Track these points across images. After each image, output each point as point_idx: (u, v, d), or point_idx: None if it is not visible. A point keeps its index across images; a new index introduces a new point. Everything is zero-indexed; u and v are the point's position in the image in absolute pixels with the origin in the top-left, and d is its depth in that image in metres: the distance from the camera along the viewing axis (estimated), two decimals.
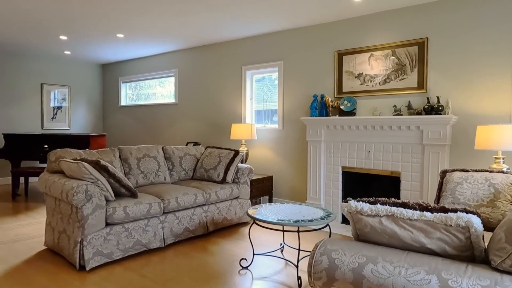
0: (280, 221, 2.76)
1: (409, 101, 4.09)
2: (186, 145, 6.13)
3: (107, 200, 3.08)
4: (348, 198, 1.48)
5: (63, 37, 5.80)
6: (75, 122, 8.05)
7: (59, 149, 3.45)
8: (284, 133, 5.27)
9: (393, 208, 1.24)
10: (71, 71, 7.93)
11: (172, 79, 7.00)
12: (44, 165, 7.15)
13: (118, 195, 3.26)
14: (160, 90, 7.32)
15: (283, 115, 5.28)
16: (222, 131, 6.04)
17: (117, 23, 4.97)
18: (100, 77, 8.45)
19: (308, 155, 4.77)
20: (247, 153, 5.23)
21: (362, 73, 4.52)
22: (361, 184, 4.50)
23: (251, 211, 3.11)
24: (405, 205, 1.29)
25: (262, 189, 5.02)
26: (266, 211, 3.11)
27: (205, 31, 5.39)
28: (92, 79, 8.30)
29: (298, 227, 2.81)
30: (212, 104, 6.18)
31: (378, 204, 1.31)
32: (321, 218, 2.86)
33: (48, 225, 3.36)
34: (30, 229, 4.06)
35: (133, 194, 3.26)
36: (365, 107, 4.52)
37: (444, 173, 2.80)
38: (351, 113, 4.51)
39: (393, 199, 1.38)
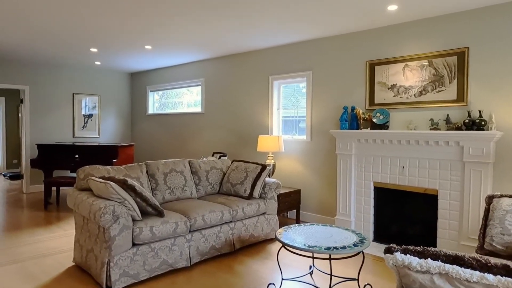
0: (310, 248, 2.63)
1: (448, 115, 3.85)
2: (213, 155, 6.08)
3: (133, 220, 3.05)
4: (392, 246, 1.33)
5: (93, 49, 5.89)
6: (105, 130, 8.20)
7: (87, 166, 3.46)
8: (312, 145, 5.12)
9: (447, 266, 1.09)
10: (101, 80, 8.09)
11: (199, 88, 6.99)
12: (75, 175, 7.32)
13: (144, 213, 3.22)
14: (187, 99, 7.33)
15: (312, 127, 5.13)
16: (249, 142, 5.95)
17: (145, 35, 4.99)
18: (129, 86, 8.58)
19: (337, 169, 4.60)
20: (274, 166, 5.11)
21: (396, 84, 4.31)
22: (394, 201, 4.28)
23: (279, 233, 2.99)
24: (460, 260, 1.14)
25: (290, 203, 4.88)
26: (295, 234, 2.98)
27: (232, 41, 5.32)
28: (121, 88, 8.44)
29: (330, 255, 2.67)
30: (239, 114, 6.11)
31: (429, 259, 1.16)
32: (354, 245, 2.70)
33: (76, 242, 3.37)
34: (60, 243, 4.11)
35: (159, 213, 3.21)
36: (399, 120, 4.30)
37: (491, 199, 2.58)
38: (384, 126, 4.30)
39: (444, 250, 1.23)
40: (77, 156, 6.01)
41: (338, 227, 3.17)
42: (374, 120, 4.33)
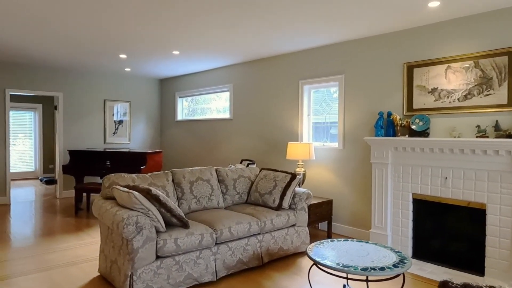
0: (345, 268, 2.40)
1: (497, 121, 3.50)
2: (241, 162, 5.94)
3: (157, 232, 2.93)
4: (448, 281, 1.11)
5: (122, 56, 5.93)
6: (135, 136, 8.28)
7: (113, 174, 3.39)
8: (345, 153, 4.86)
9: None
10: (131, 87, 8.18)
11: (227, 94, 6.89)
12: None
13: (168, 224, 3.10)
14: (216, 105, 7.25)
15: (344, 134, 4.87)
16: (278, 149, 5.76)
17: (172, 41, 4.93)
18: (158, 92, 8.63)
19: (372, 178, 4.31)
20: (304, 175, 4.89)
21: (437, 87, 3.99)
22: (435, 215, 3.94)
23: (310, 249, 2.77)
24: None
25: (321, 214, 4.64)
26: (327, 250, 2.75)
27: (260, 45, 5.18)
28: (151, 94, 8.50)
29: (367, 277, 2.42)
30: (267, 120, 5.94)
31: None
32: (394, 266, 2.44)
33: (101, 252, 3.30)
34: (87, 251, 4.08)
35: (184, 225, 3.08)
36: (441, 127, 3.97)
37: None
38: (424, 133, 3.99)
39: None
40: (108, 163, 6.05)
41: (375, 244, 2.91)
42: (413, 126, 4.03)
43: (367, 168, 4.62)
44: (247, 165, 5.42)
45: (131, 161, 6.00)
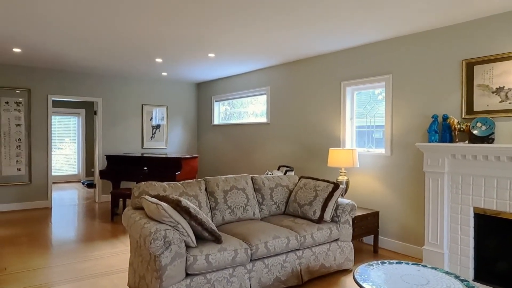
0: None
1: None
2: (278, 169, 5.64)
3: (187, 247, 2.70)
4: None
5: (158, 60, 5.85)
6: (172, 141, 8.23)
7: (143, 183, 3.22)
8: (392, 160, 4.42)
9: None
10: (169, 91, 8.15)
11: (264, 97, 6.63)
12: None
13: (199, 238, 2.87)
14: (252, 109, 7.02)
15: (392, 139, 4.44)
16: (318, 155, 5.41)
17: (208, 43, 4.75)
18: (195, 96, 8.55)
19: (426, 189, 3.85)
20: (347, 183, 4.50)
21: (503, 87, 3.48)
22: (502, 232, 3.42)
23: (358, 273, 2.42)
24: None
25: (366, 227, 4.23)
26: (378, 275, 2.38)
27: (299, 45, 4.87)
28: (187, 98, 8.43)
29: None
30: (307, 125, 5.60)
31: None
32: None
33: (131, 265, 3.13)
34: (120, 260, 3.95)
35: (216, 239, 2.83)
36: (508, 132, 3.45)
37: None
38: (488, 138, 3.49)
39: None
40: (145, 168, 5.98)
41: (434, 269, 2.50)
42: (475, 131, 3.54)
43: (419, 177, 4.15)
44: (285, 172, 5.11)
45: (167, 167, 5.89)
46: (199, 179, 3.59)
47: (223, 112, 7.87)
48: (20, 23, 4.02)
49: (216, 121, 7.97)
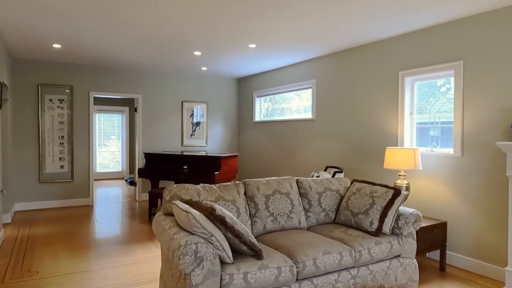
0: None
1: None
2: (325, 170, 5.12)
3: (222, 263, 2.30)
4: None
5: (197, 53, 5.54)
6: (212, 138, 7.96)
7: (175, 186, 2.87)
8: (464, 162, 3.75)
9: None
10: (209, 87, 7.87)
11: (309, 92, 6.12)
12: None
13: (236, 252, 2.46)
14: (296, 105, 6.53)
15: (463, 137, 3.77)
16: (371, 155, 4.82)
17: (248, 32, 4.34)
18: (236, 92, 8.21)
19: (509, 197, 3.17)
20: (407, 188, 3.90)
21: None
22: None
23: None
24: None
25: (432, 241, 3.61)
26: None
27: (349, 32, 4.32)
28: (228, 94, 8.11)
29: None
30: (358, 121, 5.02)
31: None
32: None
33: (161, 277, 2.79)
34: (152, 267, 3.66)
35: (257, 254, 2.41)
36: None
37: None
38: None
39: None
40: (185, 167, 5.71)
41: None
42: None
43: (499, 182, 3.47)
44: (334, 174, 4.58)
45: (205, 166, 5.58)
46: (237, 182, 3.19)
47: (265, 109, 7.45)
48: (59, 18, 3.85)
49: (258, 117, 7.57)
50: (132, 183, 9.49)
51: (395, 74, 4.49)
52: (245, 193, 3.15)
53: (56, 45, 5.17)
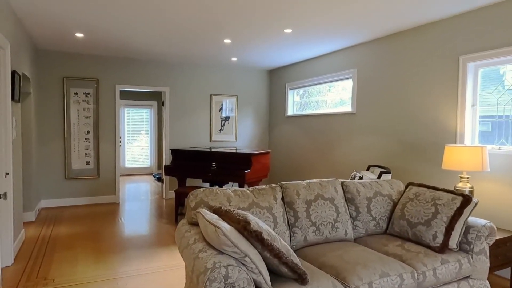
0: None
1: None
2: (368, 169, 4.58)
3: None
4: None
5: (227, 41, 5.12)
6: (241, 134, 7.55)
7: (200, 190, 2.46)
8: None
9: None
10: (239, 80, 7.45)
11: (349, 83, 5.56)
12: (208, 185, 6.52)
13: (274, 273, 2.02)
14: (333, 97, 5.98)
15: None
16: (423, 154, 4.23)
17: (285, 15, 3.86)
18: (267, 85, 7.74)
19: None
20: (471, 193, 3.31)
21: None
22: None
23: None
24: None
25: (504, 256, 3.02)
26: None
27: (397, 13, 3.74)
28: (259, 87, 7.66)
29: None
30: (407, 114, 4.44)
31: None
32: None
33: None
34: (176, 278, 3.29)
35: (300, 277, 1.95)
36: None
37: None
38: None
39: None
40: (214, 164, 5.33)
41: None
42: None
43: None
44: (380, 175, 4.04)
45: (235, 163, 5.17)
46: (273, 185, 2.74)
47: (298, 102, 6.95)
48: (80, 4, 3.53)
49: (290, 111, 7.08)
50: (159, 179, 9.28)
51: (455, 59, 3.87)
52: (282, 198, 2.69)
53: (78, 34, 4.90)
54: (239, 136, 7.52)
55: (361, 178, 4.11)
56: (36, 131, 5.58)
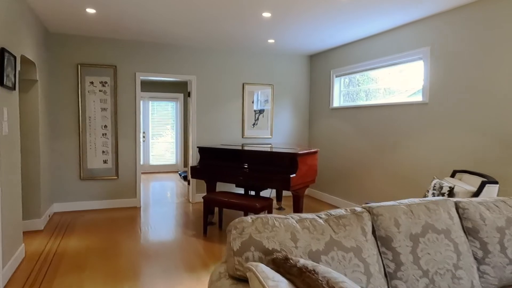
0: None
1: None
2: (453, 176, 3.51)
3: None
4: None
5: (266, 14, 4.16)
6: (278, 129, 6.59)
7: (247, 221, 1.51)
8: None
9: None
10: (275, 67, 6.48)
11: (418, 65, 4.47)
12: (242, 191, 4.86)
13: None
14: (393, 84, 4.91)
15: None
16: None
17: None
18: (307, 72, 6.73)
19: None
20: None
21: None
22: None
23: None
24: None
25: None
26: None
27: None
28: (298, 75, 6.66)
29: None
30: (501, 103, 3.33)
31: None
32: None
33: None
34: None
35: None
36: None
37: None
38: None
39: None
40: (247, 166, 4.42)
41: None
42: None
43: None
44: (481, 187, 2.97)
45: (277, 165, 4.22)
46: (358, 210, 1.76)
47: (345, 91, 5.91)
48: None
49: (337, 103, 6.04)
50: (185, 177, 8.49)
51: None
52: (373, 232, 1.72)
53: (90, 10, 4.09)
54: (275, 131, 6.57)
55: (451, 189, 3.07)
56: (45, 125, 4.85)
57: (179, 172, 9.29)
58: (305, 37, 5.20)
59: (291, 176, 3.89)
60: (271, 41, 5.50)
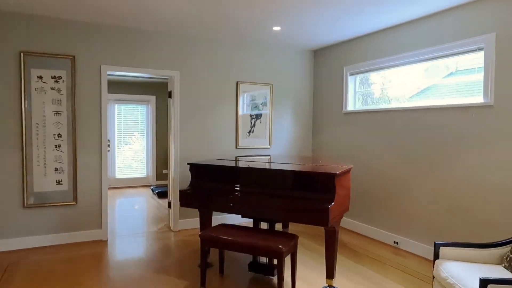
0: None
1: None
2: None
3: None
4: None
5: None
6: (277, 137, 5.48)
7: None
8: None
9: None
10: (274, 63, 5.39)
11: (478, 57, 3.54)
12: (247, 222, 3.27)
13: None
14: (428, 84, 3.95)
15: None
16: None
17: None
18: (310, 70, 5.69)
19: None
20: None
21: None
22: None
23: None
24: None
25: None
26: None
27: None
28: (301, 73, 5.61)
29: None
30: None
31: None
32: None
33: None
34: None
35: None
36: None
37: None
38: None
39: None
40: (258, 191, 3.26)
41: None
42: None
43: None
44: None
45: (301, 189, 3.06)
46: None
47: (360, 92, 4.92)
48: None
49: (351, 106, 5.03)
50: (161, 194, 7.16)
51: None
52: None
53: None
54: (274, 140, 5.46)
55: None
56: None
57: (152, 187, 7.93)
58: (319, 22, 4.15)
59: (329, 206, 2.77)
60: (276, 28, 4.40)
